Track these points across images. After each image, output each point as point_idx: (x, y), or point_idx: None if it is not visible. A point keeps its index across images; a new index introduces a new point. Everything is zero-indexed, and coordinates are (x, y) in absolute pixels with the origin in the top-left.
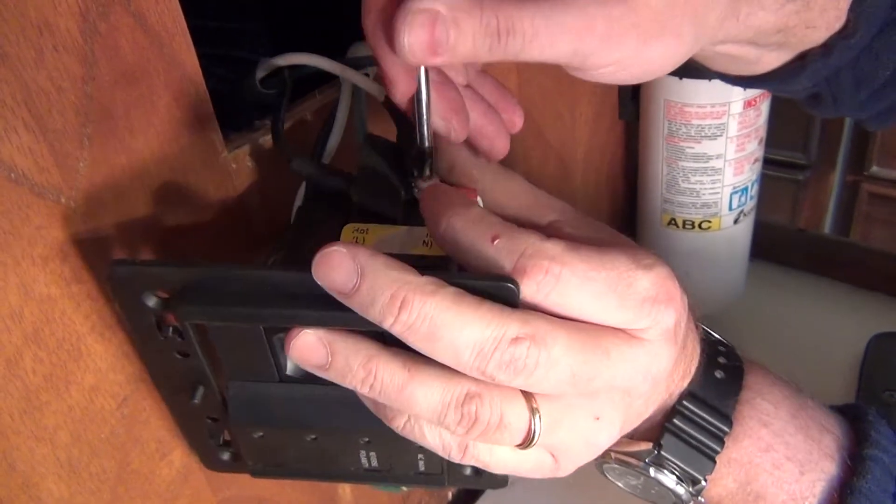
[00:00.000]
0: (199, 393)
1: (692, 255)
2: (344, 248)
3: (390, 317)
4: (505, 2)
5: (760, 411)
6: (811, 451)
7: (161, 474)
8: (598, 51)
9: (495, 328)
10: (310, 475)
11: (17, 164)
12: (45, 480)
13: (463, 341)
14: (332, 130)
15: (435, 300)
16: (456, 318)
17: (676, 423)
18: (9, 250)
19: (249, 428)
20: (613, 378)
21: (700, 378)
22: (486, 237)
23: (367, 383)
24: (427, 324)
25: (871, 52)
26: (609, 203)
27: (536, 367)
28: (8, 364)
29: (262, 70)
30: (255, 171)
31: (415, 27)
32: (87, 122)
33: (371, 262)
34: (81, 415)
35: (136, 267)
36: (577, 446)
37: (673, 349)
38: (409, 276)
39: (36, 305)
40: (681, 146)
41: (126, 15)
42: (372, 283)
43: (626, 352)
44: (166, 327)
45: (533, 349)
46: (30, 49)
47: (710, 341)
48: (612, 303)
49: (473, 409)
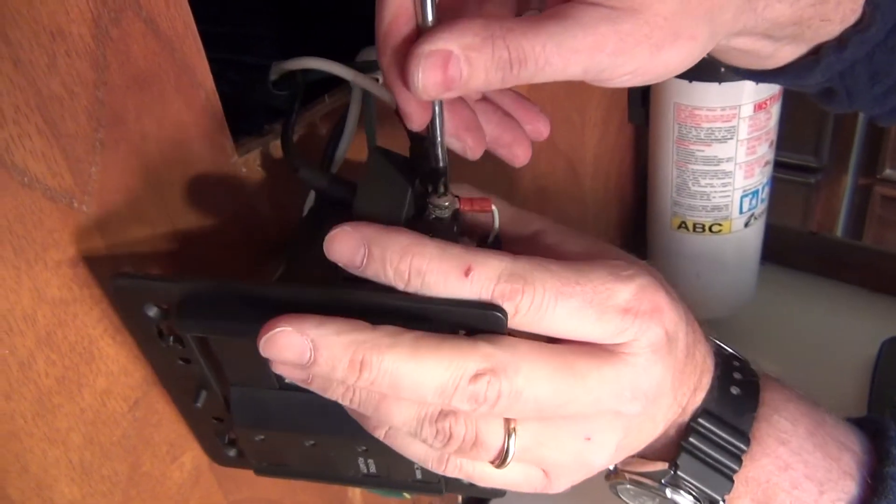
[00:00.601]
0: (203, 396)
1: (702, 258)
2: (288, 326)
3: (352, 378)
4: (515, 30)
5: (778, 429)
6: (830, 470)
7: (172, 477)
8: (612, 66)
9: (455, 368)
10: (311, 476)
11: (30, 169)
12: (58, 483)
13: (424, 387)
14: (343, 137)
15: (391, 353)
16: (414, 367)
17: (693, 441)
18: (22, 254)
19: (251, 431)
20: (597, 400)
21: (715, 394)
22: (457, 272)
23: (347, 398)
24: (388, 377)
25: (887, 47)
26: (618, 206)
27: (499, 398)
28: (21, 367)
29: (274, 74)
30: (265, 175)
31: (427, 68)
32: (99, 127)
33: (321, 334)
34: (94, 417)
35: (136, 280)
36: (569, 465)
37: (667, 362)
38: (362, 334)
39: (49, 309)
40: (691, 149)
41: (137, 20)
42: (328, 353)
43: (607, 372)
44: (167, 336)
45: (493, 382)
46: (43, 55)
47: (724, 355)
48: (591, 317)
49: (447, 425)
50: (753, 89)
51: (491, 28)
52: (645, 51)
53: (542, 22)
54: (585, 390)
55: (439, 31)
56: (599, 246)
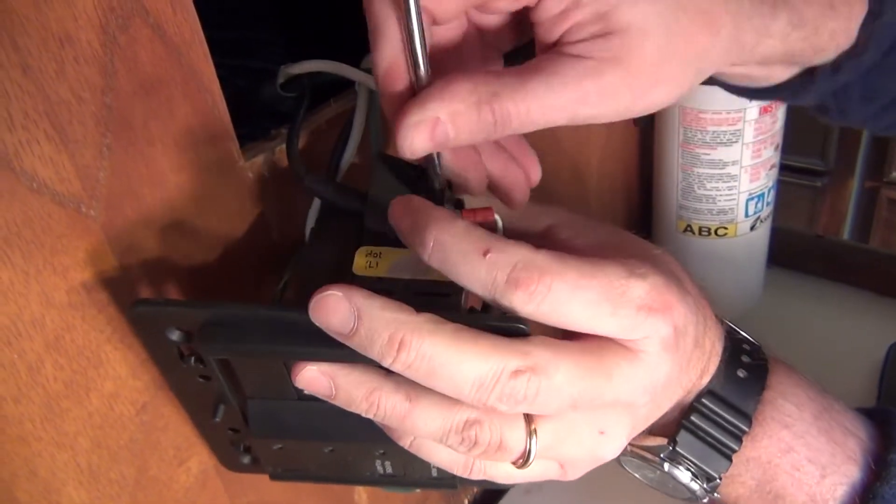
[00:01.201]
0: (221, 411)
1: (708, 261)
2: (339, 292)
3: (389, 357)
4: (500, 94)
5: (783, 412)
6: (834, 454)
7: (179, 480)
8: (595, 114)
9: (495, 363)
10: (327, 479)
11: (38, 174)
12: (66, 486)
13: (462, 377)
14: (349, 142)
15: (433, 339)
16: (454, 356)
17: (693, 420)
18: (31, 259)
19: (269, 441)
20: (617, 397)
21: (721, 376)
22: (476, 251)
23: (371, 412)
24: (426, 362)
25: (881, 70)
26: (624, 210)
27: (538, 396)
28: (30, 371)
29: (282, 77)
30: (271, 179)
31: (416, 133)
32: (106, 133)
33: (367, 305)
34: (101, 421)
35: (157, 307)
36: (583, 457)
37: (673, 358)
38: (405, 315)
39: (57, 313)
40: (696, 152)
41: (145, 27)
42: (369, 325)
43: (627, 370)
44: (188, 357)
45: (534, 380)
46: (51, 61)
47: (735, 339)
48: (606, 311)
49: (473, 434)
50: None
51: (477, 92)
52: (628, 97)
53: (527, 79)
54: (611, 387)
55: (429, 98)
56: (617, 236)
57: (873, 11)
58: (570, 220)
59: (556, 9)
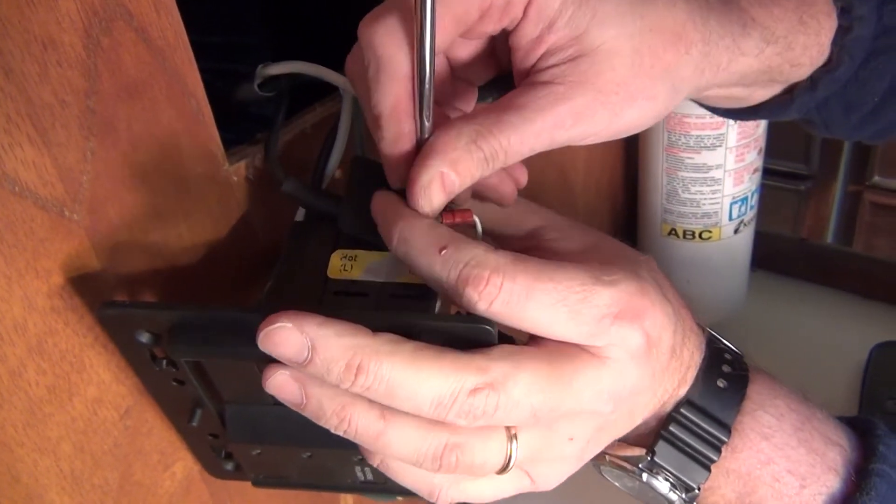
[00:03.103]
0: (198, 415)
1: (693, 265)
2: (289, 323)
3: (346, 382)
4: (483, 132)
5: (762, 424)
6: (814, 465)
7: (164, 486)
8: (574, 136)
9: (453, 381)
10: (309, 486)
11: (21, 178)
12: (49, 492)
13: (421, 397)
14: (334, 148)
15: (390, 361)
16: (412, 377)
17: (672, 430)
18: (13, 263)
19: (247, 446)
20: (579, 404)
21: (700, 386)
22: (433, 247)
23: (342, 429)
24: (384, 385)
25: (858, 81)
26: (609, 213)
27: (496, 411)
28: (11, 376)
29: (259, 77)
30: (256, 183)
31: (432, 193)
32: (90, 136)
33: (321, 334)
34: (84, 426)
35: (124, 309)
36: (553, 465)
37: (645, 366)
38: (362, 339)
39: (39, 317)
40: (680, 156)
41: (128, 30)
42: (324, 355)
43: (590, 376)
44: (160, 360)
45: (492, 396)
46: (34, 64)
47: (716, 348)
48: (562, 315)
49: (454, 458)
50: None
51: (464, 135)
52: (604, 116)
53: (503, 113)
54: (571, 394)
55: (428, 155)
56: (602, 241)
57: (843, 27)
58: (557, 222)
59: (533, 33)
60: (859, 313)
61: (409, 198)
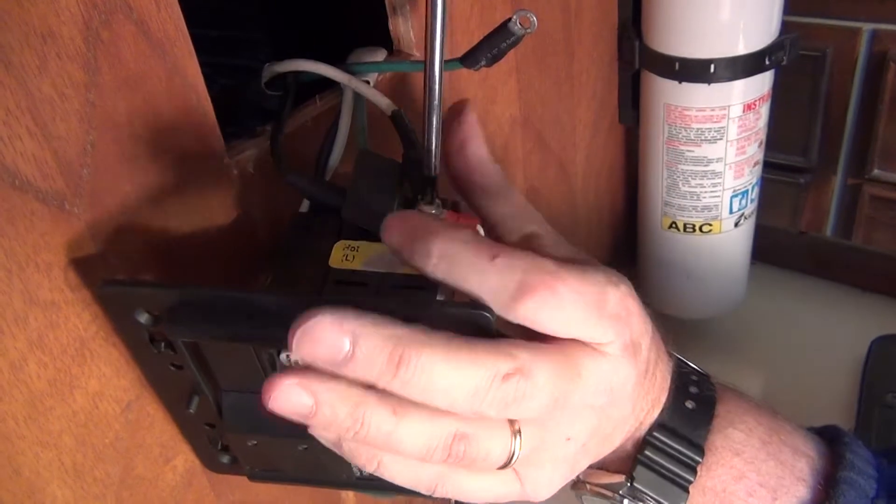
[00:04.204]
0: (195, 402)
1: (693, 258)
2: (330, 317)
3: (388, 376)
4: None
5: (732, 440)
6: (783, 477)
7: (165, 479)
8: None
9: (488, 368)
10: (304, 481)
11: (21, 171)
12: (50, 485)
13: (459, 387)
14: (336, 141)
15: (429, 350)
16: (451, 366)
17: (648, 454)
18: (13, 256)
19: (243, 436)
20: (584, 395)
21: (669, 409)
22: (485, 256)
23: (353, 430)
24: (423, 378)
25: None
26: (609, 206)
27: (524, 399)
28: (12, 369)
29: (266, 75)
30: (257, 177)
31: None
32: (90, 129)
33: (360, 324)
34: (86, 420)
35: (124, 287)
36: (545, 469)
37: (632, 363)
38: (400, 329)
39: (40, 311)
40: (681, 150)
41: (128, 23)
42: (366, 347)
43: (593, 368)
44: (158, 342)
45: (522, 382)
46: (34, 57)
47: (682, 372)
48: (593, 317)
49: (462, 448)
50: (742, 90)
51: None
52: None
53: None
54: (580, 385)
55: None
56: (585, 257)
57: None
58: (550, 235)
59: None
60: (859, 307)
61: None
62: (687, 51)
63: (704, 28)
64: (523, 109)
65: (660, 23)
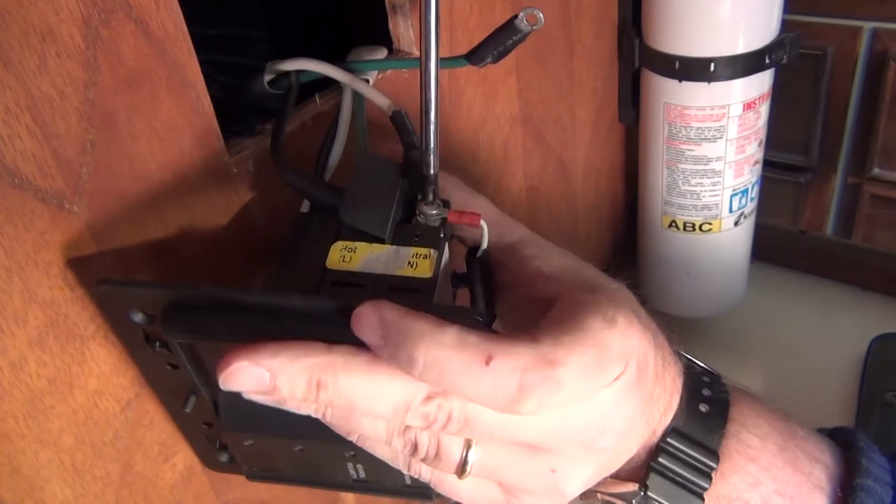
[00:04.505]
0: (192, 402)
1: (693, 257)
2: (243, 360)
3: (311, 398)
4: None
5: (747, 445)
6: (800, 485)
7: (165, 477)
8: None
9: (408, 391)
10: (301, 482)
11: (20, 170)
12: (50, 484)
13: (379, 405)
14: (336, 140)
15: (346, 374)
16: (369, 387)
17: (662, 461)
18: (13, 255)
19: (239, 436)
20: (555, 434)
21: (683, 413)
22: (478, 360)
23: (318, 412)
24: (344, 397)
25: None
26: (609, 205)
27: (449, 421)
28: (12, 368)
29: (269, 73)
30: (256, 175)
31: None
32: (89, 128)
33: (276, 362)
34: (85, 418)
35: (120, 287)
36: (535, 492)
37: (636, 397)
38: (318, 357)
39: (40, 310)
40: (681, 149)
41: (128, 21)
42: (285, 380)
43: (568, 410)
44: (154, 341)
45: (444, 405)
46: (33, 55)
47: (694, 372)
48: (599, 375)
49: (412, 436)
50: (742, 89)
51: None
52: None
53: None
54: (536, 424)
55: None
56: (576, 265)
57: None
58: (537, 240)
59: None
60: (859, 305)
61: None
62: (687, 50)
63: (704, 27)
64: (523, 108)
65: (660, 22)
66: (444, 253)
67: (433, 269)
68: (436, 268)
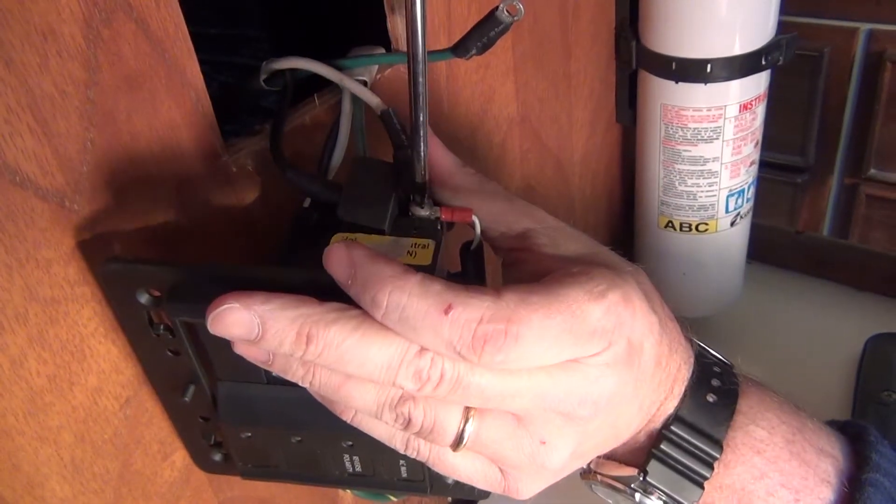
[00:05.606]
0: (191, 391)
1: (689, 257)
2: (236, 303)
3: (299, 351)
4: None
5: (754, 438)
6: (807, 478)
7: (163, 475)
8: None
9: (399, 346)
10: (296, 478)
11: (21, 168)
12: (49, 481)
13: (370, 361)
14: (337, 139)
15: (337, 326)
16: (360, 341)
17: (664, 448)
18: (14, 253)
19: (237, 428)
20: (540, 399)
21: (689, 401)
22: (437, 308)
23: (307, 380)
24: (334, 351)
25: None
26: (606, 206)
27: (441, 380)
28: (13, 365)
29: (264, 73)
30: (255, 174)
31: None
32: (90, 127)
33: (267, 309)
34: (85, 416)
35: (128, 265)
36: (524, 467)
37: (623, 373)
38: (307, 309)
39: (40, 307)
40: (677, 149)
41: (128, 21)
42: (274, 329)
43: (555, 375)
44: (157, 325)
45: (437, 361)
46: (34, 55)
47: (705, 362)
48: (568, 342)
49: (407, 410)
50: (739, 90)
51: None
52: None
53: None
54: (529, 386)
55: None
56: (592, 249)
57: None
58: (549, 226)
59: None
60: (855, 305)
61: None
62: (683, 51)
63: (701, 28)
64: (521, 109)
65: (657, 23)
66: (442, 244)
67: (432, 257)
68: (435, 255)
